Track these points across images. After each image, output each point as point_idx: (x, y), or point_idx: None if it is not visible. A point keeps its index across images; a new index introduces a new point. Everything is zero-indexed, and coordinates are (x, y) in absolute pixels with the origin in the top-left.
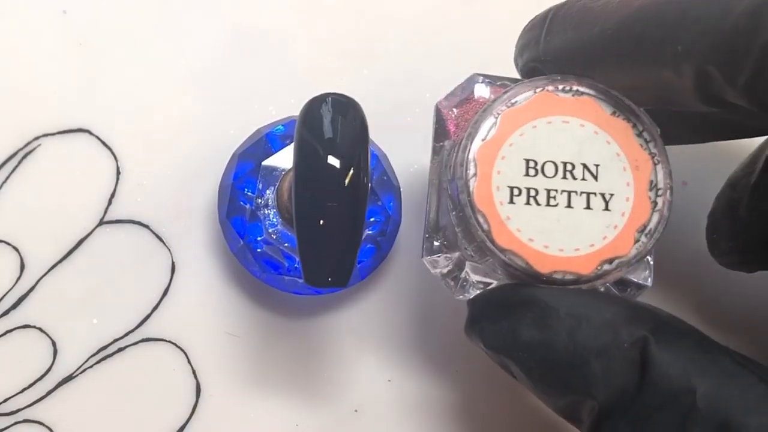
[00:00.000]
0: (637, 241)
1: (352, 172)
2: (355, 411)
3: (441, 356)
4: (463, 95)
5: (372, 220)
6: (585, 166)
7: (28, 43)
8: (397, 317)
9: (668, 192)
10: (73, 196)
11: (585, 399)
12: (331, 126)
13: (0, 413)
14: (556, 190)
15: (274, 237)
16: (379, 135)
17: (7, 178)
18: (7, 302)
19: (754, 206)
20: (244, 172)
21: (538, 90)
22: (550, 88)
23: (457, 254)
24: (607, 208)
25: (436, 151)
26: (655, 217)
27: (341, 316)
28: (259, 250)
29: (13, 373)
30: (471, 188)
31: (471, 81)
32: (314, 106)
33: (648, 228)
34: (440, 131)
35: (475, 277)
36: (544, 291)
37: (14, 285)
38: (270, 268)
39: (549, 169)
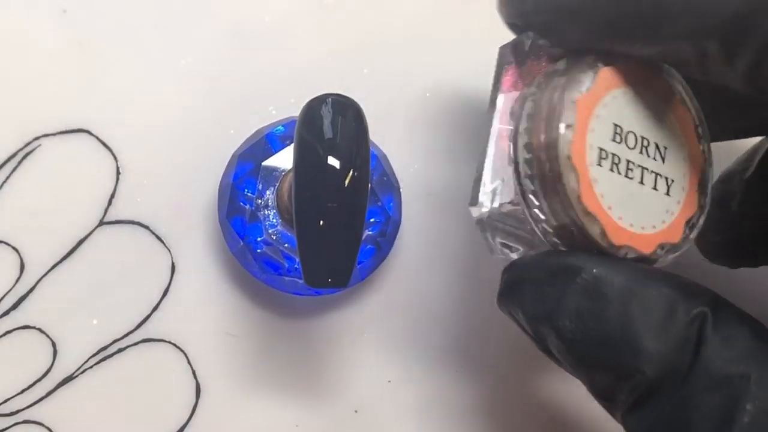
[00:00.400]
0: (684, 231)
1: (352, 172)
2: (355, 411)
3: (441, 357)
4: (535, 43)
5: (372, 220)
6: (657, 146)
7: (28, 43)
8: (397, 318)
9: (709, 190)
10: (73, 196)
11: (631, 375)
12: (331, 126)
13: (0, 414)
14: (633, 163)
15: (274, 237)
16: (379, 135)
17: (7, 178)
18: (7, 302)
19: (746, 200)
20: (244, 172)
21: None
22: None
23: (502, 211)
24: (668, 193)
25: (492, 101)
26: (698, 213)
27: (341, 316)
28: (258, 250)
29: (13, 374)
30: (568, 140)
31: None
32: (314, 106)
33: (692, 221)
34: (501, 79)
35: (502, 240)
36: (596, 260)
37: (14, 285)
38: (270, 268)
39: (630, 140)
